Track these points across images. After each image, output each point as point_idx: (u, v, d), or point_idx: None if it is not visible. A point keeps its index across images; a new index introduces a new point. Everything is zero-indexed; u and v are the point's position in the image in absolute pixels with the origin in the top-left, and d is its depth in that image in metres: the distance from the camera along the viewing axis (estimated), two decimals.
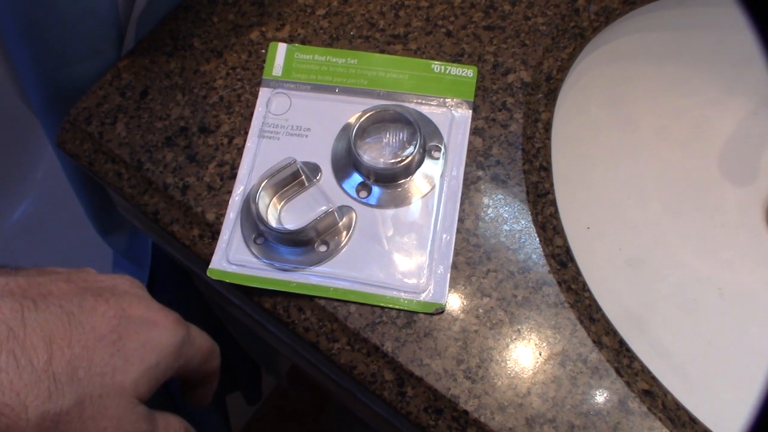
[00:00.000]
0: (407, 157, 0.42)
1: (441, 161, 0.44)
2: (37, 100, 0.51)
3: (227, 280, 0.41)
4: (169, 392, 0.70)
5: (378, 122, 0.44)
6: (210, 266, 0.42)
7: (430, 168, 0.44)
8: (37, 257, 0.87)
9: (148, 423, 0.30)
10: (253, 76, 0.48)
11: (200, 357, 0.34)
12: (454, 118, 0.45)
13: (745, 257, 0.53)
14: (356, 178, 0.44)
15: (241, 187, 0.44)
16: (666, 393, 0.38)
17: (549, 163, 0.45)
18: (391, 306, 0.40)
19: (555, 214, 0.43)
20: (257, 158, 0.45)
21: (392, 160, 0.43)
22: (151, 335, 0.30)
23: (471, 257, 0.42)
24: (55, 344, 0.26)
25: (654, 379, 0.39)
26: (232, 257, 0.42)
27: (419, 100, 0.46)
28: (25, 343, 0.25)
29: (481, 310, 0.40)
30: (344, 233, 0.42)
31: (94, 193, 0.60)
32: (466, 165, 0.44)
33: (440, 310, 0.40)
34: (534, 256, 0.41)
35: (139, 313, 0.30)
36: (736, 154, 0.56)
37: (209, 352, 0.35)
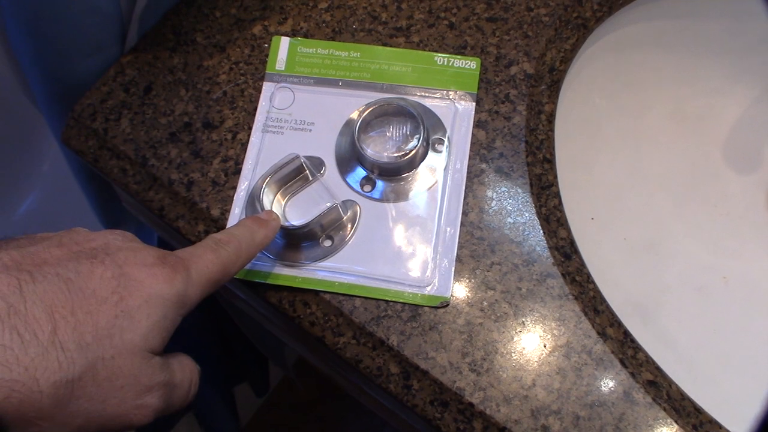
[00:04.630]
0: (411, 150, 0.42)
1: (444, 154, 0.44)
2: (42, 97, 0.51)
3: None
4: None
5: (381, 116, 0.44)
6: None
7: (434, 161, 0.44)
8: None
9: (164, 372, 0.30)
10: (256, 70, 0.48)
11: (211, 285, 0.33)
12: (457, 111, 0.45)
13: (750, 245, 0.53)
14: (360, 172, 0.44)
15: (246, 183, 0.44)
16: (671, 383, 0.38)
17: (552, 154, 0.45)
18: (395, 300, 0.40)
19: (559, 206, 0.43)
20: (261, 153, 0.45)
21: (396, 154, 0.43)
22: (153, 290, 0.29)
23: (475, 250, 0.42)
24: (58, 313, 0.26)
25: (659, 369, 0.39)
26: None
27: (422, 93, 0.46)
28: (27, 317, 0.25)
29: (485, 303, 0.40)
30: (349, 228, 0.42)
31: (99, 188, 0.60)
32: (470, 158, 0.44)
33: (445, 304, 0.40)
34: (538, 249, 0.42)
35: (136, 268, 0.30)
36: (740, 143, 0.56)
37: (220, 272, 0.33)
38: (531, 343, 0.39)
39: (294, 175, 0.43)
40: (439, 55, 0.47)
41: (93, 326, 0.27)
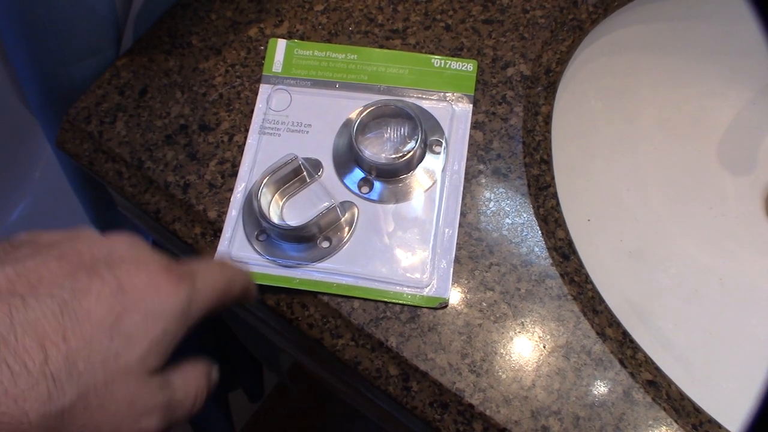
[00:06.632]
0: (408, 152, 0.42)
1: (442, 156, 0.44)
2: (36, 100, 0.51)
3: None
4: None
5: (379, 117, 0.44)
6: None
7: (432, 162, 0.44)
8: None
9: (163, 392, 0.29)
10: (252, 73, 0.48)
11: (216, 301, 0.32)
12: (454, 113, 0.45)
13: (746, 247, 0.53)
14: (358, 174, 0.44)
15: (243, 185, 0.44)
16: (670, 383, 0.38)
17: (549, 155, 0.45)
18: (394, 301, 0.40)
19: (556, 207, 0.43)
20: (258, 155, 0.45)
21: (393, 155, 0.43)
22: (152, 305, 0.28)
23: (473, 251, 0.42)
24: (49, 341, 0.25)
25: (658, 369, 0.39)
26: (235, 254, 0.42)
27: (420, 95, 0.46)
28: (18, 348, 0.25)
29: (484, 304, 0.40)
30: (346, 229, 0.42)
31: (94, 193, 0.60)
32: (467, 159, 0.44)
33: (444, 305, 0.40)
34: (536, 249, 0.42)
35: (137, 281, 0.28)
36: (735, 144, 0.56)
37: (224, 290, 0.33)
38: (530, 344, 0.39)
39: (292, 176, 0.43)
40: (436, 57, 0.47)
41: (86, 352, 0.26)
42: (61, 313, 0.26)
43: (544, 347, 0.39)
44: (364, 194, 0.43)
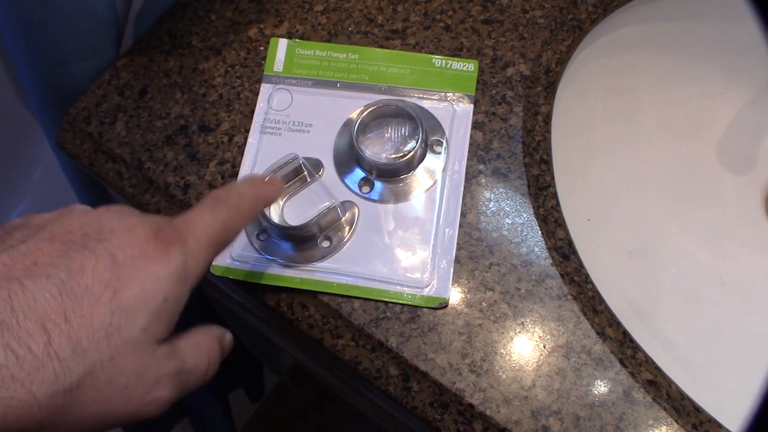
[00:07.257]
0: (409, 151, 0.42)
1: (443, 155, 0.44)
2: (36, 101, 0.51)
3: (231, 277, 0.41)
4: None
5: (380, 117, 0.44)
6: (213, 263, 0.42)
7: (432, 162, 0.44)
8: None
9: (172, 360, 0.29)
10: (252, 73, 0.48)
11: (214, 250, 0.31)
12: (455, 113, 0.45)
13: (746, 246, 0.53)
14: (358, 174, 0.44)
15: None
16: (670, 383, 0.38)
17: (549, 155, 0.45)
18: (394, 301, 0.40)
19: (556, 207, 0.43)
20: (259, 154, 0.45)
21: (394, 155, 0.43)
22: (148, 274, 0.28)
23: (474, 251, 0.42)
24: (51, 323, 0.25)
25: (658, 369, 0.39)
26: (236, 254, 0.42)
27: (421, 95, 0.46)
28: (20, 332, 0.25)
29: (484, 304, 0.40)
30: (347, 228, 0.42)
31: (94, 193, 0.60)
32: (467, 159, 0.44)
33: (444, 305, 0.40)
34: (536, 249, 0.42)
35: (130, 252, 0.28)
36: (735, 144, 0.56)
37: (221, 234, 0.32)
38: (530, 344, 0.39)
39: (292, 176, 0.43)
40: (437, 57, 0.47)
41: (88, 329, 0.26)
42: (59, 294, 0.26)
43: (544, 347, 0.39)
44: (364, 194, 0.43)
